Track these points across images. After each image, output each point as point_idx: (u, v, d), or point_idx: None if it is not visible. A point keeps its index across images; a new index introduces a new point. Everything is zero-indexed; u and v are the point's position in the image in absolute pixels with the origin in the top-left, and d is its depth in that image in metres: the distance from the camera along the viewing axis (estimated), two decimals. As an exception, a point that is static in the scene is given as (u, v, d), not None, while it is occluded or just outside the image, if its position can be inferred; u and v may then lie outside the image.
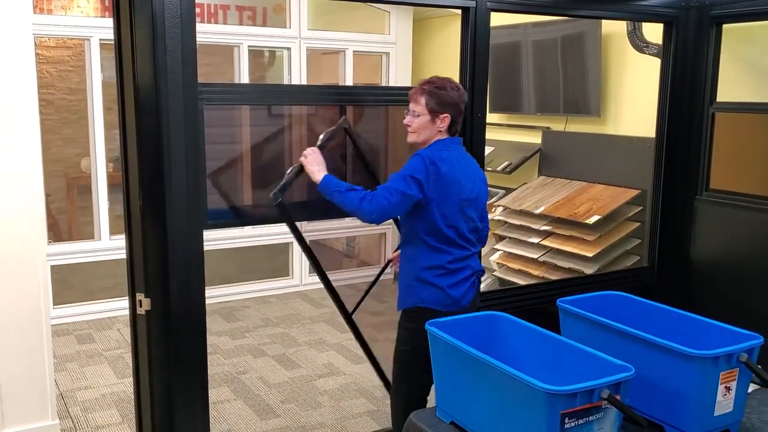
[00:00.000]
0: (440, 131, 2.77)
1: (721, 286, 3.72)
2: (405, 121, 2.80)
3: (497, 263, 5.50)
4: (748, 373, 2.05)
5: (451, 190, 2.70)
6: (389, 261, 3.20)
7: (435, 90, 2.74)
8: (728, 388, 2.03)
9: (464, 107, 2.81)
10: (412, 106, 2.78)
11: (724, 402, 2.03)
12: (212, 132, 2.63)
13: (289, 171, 2.86)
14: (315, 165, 2.76)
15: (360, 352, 5.03)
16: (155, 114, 2.42)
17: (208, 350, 2.74)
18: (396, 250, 3.10)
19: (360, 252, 7.54)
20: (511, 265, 5.38)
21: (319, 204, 2.87)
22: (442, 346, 2.15)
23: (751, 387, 2.19)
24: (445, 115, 2.74)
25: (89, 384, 4.46)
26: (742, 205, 3.63)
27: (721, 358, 1.98)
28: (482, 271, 2.94)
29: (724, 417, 2.06)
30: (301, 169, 2.81)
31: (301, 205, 3.02)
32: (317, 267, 3.05)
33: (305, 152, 2.79)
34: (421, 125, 2.76)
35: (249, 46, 6.10)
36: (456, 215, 2.75)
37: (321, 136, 2.90)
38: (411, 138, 2.81)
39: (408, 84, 6.79)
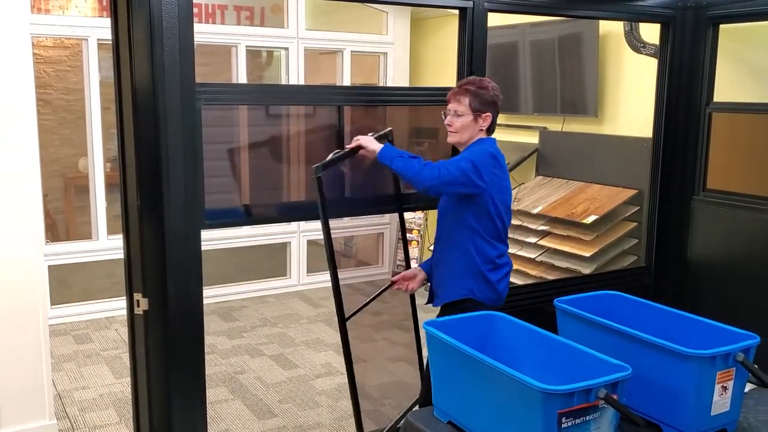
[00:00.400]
0: (481, 130, 2.81)
1: (718, 285, 3.73)
2: (447, 121, 2.81)
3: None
4: (745, 372, 2.06)
5: (503, 185, 2.80)
6: (392, 283, 3.15)
7: (477, 90, 2.78)
8: (725, 388, 2.03)
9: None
10: (453, 106, 2.79)
11: (721, 401, 2.04)
12: (210, 132, 2.63)
13: (336, 151, 2.85)
14: (371, 140, 2.80)
15: (357, 352, 5.04)
16: (153, 114, 2.42)
17: (205, 350, 2.74)
18: (396, 275, 3.16)
19: (358, 252, 7.54)
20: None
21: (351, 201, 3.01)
22: (439, 345, 2.15)
23: (748, 386, 2.19)
24: (487, 114, 2.80)
25: (87, 384, 4.46)
26: (738, 205, 3.63)
27: (717, 357, 1.98)
28: None
29: (720, 416, 2.06)
30: (352, 151, 2.81)
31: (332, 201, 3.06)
32: (332, 263, 2.99)
33: (357, 138, 2.82)
34: (464, 125, 2.79)
35: (247, 46, 6.10)
36: (505, 210, 2.83)
37: (370, 134, 2.90)
38: (453, 138, 2.83)
39: (406, 84, 6.80)
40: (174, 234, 2.50)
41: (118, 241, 2.67)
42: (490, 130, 2.85)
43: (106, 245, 5.62)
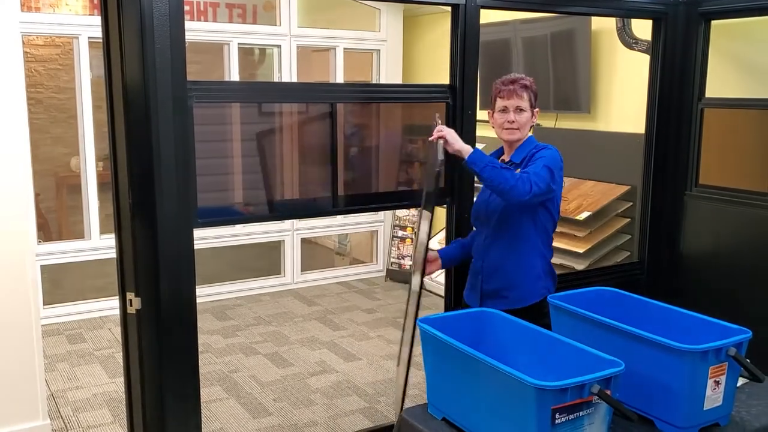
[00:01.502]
0: (531, 126, 2.82)
1: (711, 280, 3.74)
2: (510, 118, 2.73)
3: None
4: (737, 367, 2.07)
5: (561, 185, 2.80)
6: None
7: (532, 85, 2.78)
8: (717, 382, 2.04)
9: None
10: (515, 102, 2.73)
11: (714, 396, 2.05)
12: (202, 130, 2.62)
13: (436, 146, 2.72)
14: (458, 138, 2.69)
15: (352, 349, 5.05)
16: (144, 112, 2.41)
17: (200, 349, 2.73)
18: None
19: (352, 250, 7.54)
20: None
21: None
22: (433, 342, 2.15)
23: (740, 381, 2.21)
24: (537, 109, 2.82)
25: (80, 384, 4.45)
26: (731, 200, 3.64)
27: (710, 352, 1.99)
28: None
29: (713, 411, 2.07)
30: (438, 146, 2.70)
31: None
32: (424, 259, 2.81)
33: (441, 128, 2.68)
34: (526, 121, 2.77)
35: (239, 43, 6.09)
36: (558, 208, 2.84)
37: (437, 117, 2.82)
38: (515, 135, 2.76)
39: (399, 81, 6.80)
40: (166, 233, 2.49)
41: (111, 240, 2.66)
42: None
43: (99, 244, 5.60)
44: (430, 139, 2.68)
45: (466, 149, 2.63)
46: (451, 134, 2.66)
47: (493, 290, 2.82)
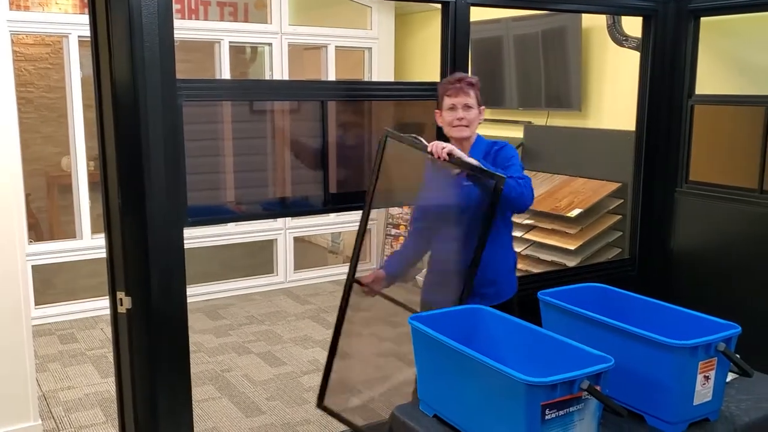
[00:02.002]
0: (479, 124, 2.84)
1: (701, 276, 3.75)
2: (459, 116, 2.75)
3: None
4: (727, 362, 2.07)
5: None
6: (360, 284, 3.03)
7: (477, 83, 2.80)
8: (707, 378, 2.04)
9: None
10: (463, 99, 2.75)
11: (703, 391, 2.05)
12: (192, 129, 2.61)
13: (415, 137, 2.77)
14: (462, 154, 2.66)
15: (344, 347, 5.04)
16: (133, 111, 2.40)
17: (192, 349, 2.73)
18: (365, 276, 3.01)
19: (345, 248, 7.54)
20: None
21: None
22: (424, 339, 2.15)
23: (730, 376, 2.21)
24: (483, 107, 2.84)
25: (72, 384, 4.43)
26: (721, 197, 3.66)
27: (699, 347, 1.99)
28: None
29: (703, 406, 2.07)
30: (425, 148, 2.68)
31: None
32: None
33: (443, 145, 2.61)
34: (474, 118, 2.79)
35: (230, 42, 6.08)
36: None
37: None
38: (465, 132, 2.78)
39: (390, 79, 6.79)
40: (156, 232, 2.48)
41: (103, 240, 2.65)
42: None
43: (91, 244, 5.58)
44: (439, 159, 2.62)
45: (476, 163, 2.63)
46: (458, 152, 2.62)
47: (478, 287, 2.80)
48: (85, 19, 2.55)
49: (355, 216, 7.02)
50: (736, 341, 2.09)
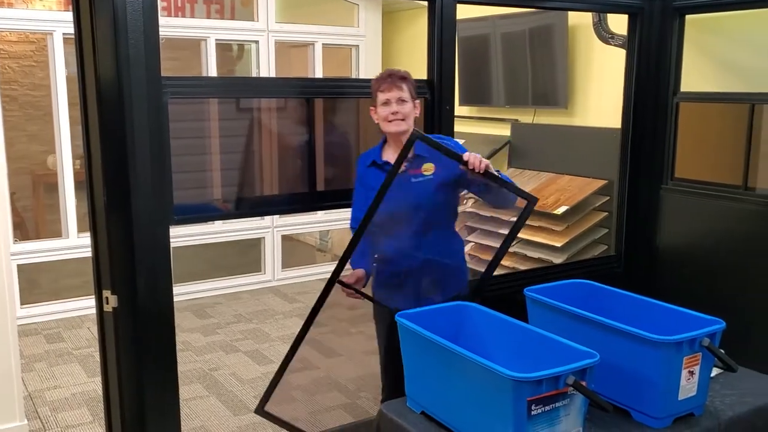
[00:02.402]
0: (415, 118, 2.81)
1: (686, 273, 3.78)
2: (393, 110, 2.71)
3: (469, 254, 5.53)
4: (711, 357, 2.09)
5: None
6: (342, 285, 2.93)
7: (410, 76, 2.78)
8: (692, 373, 2.06)
9: None
10: (395, 93, 2.71)
11: (688, 386, 2.07)
12: (178, 126, 2.60)
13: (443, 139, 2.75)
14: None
15: (333, 345, 5.05)
16: (118, 109, 2.39)
17: (179, 347, 2.72)
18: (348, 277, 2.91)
19: (334, 246, 7.53)
20: (482, 256, 5.41)
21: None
22: (411, 337, 2.16)
23: (714, 371, 2.24)
24: (418, 101, 2.81)
25: (59, 384, 4.41)
26: (706, 194, 3.68)
27: (684, 343, 2.01)
28: None
29: (688, 401, 2.09)
30: (458, 157, 2.59)
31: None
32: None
33: (481, 158, 2.56)
34: (409, 111, 2.75)
35: (216, 39, 6.05)
36: None
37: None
38: (402, 126, 2.73)
39: (378, 77, 6.78)
40: (142, 230, 2.47)
41: (89, 238, 2.64)
42: None
43: (77, 243, 5.55)
44: (473, 171, 2.56)
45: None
46: (488, 163, 2.58)
47: (429, 286, 2.80)
48: (70, 16, 2.54)
49: (343, 214, 7.02)
50: (721, 336, 2.11)
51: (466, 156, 2.54)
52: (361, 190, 2.86)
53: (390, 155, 2.79)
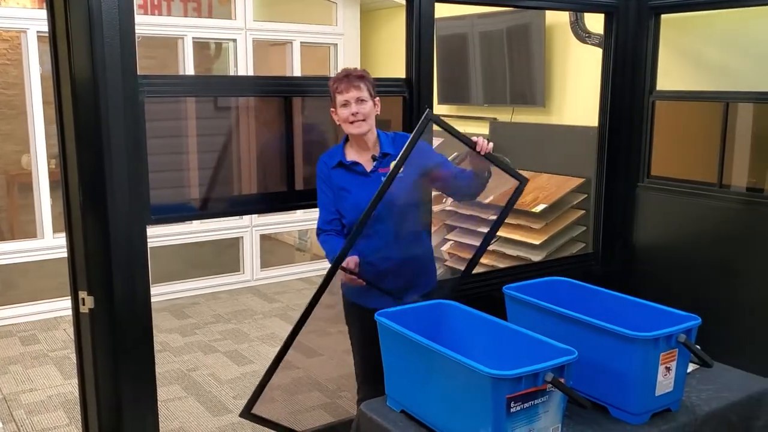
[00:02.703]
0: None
1: (663, 269, 3.82)
2: (353, 110, 2.67)
3: (448, 253, 5.54)
4: (687, 353, 2.11)
5: None
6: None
7: (368, 75, 2.73)
8: (668, 369, 2.08)
9: None
10: (354, 93, 2.67)
11: (665, 382, 2.09)
12: (155, 126, 2.58)
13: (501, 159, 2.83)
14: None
15: (313, 345, 5.03)
16: (94, 108, 2.36)
17: (157, 348, 2.70)
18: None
19: (313, 245, 7.51)
20: (461, 254, 5.42)
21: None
22: (390, 335, 2.16)
23: (691, 367, 2.26)
24: (378, 98, 2.76)
25: (34, 386, 4.35)
26: (681, 191, 3.72)
27: (660, 339, 2.03)
28: None
29: (664, 396, 2.11)
30: (469, 142, 2.64)
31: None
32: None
33: (486, 142, 2.65)
34: (370, 111, 2.71)
35: (194, 38, 6.01)
36: None
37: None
38: (363, 127, 2.70)
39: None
40: (118, 230, 2.45)
41: (64, 239, 2.61)
42: None
43: (52, 244, 5.49)
44: (480, 153, 2.64)
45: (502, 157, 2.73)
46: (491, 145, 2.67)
47: (405, 284, 2.80)
48: (44, 13, 2.51)
49: (322, 213, 6.98)
50: (697, 332, 2.13)
51: (475, 139, 2.62)
52: (328, 192, 2.81)
53: (354, 155, 2.78)
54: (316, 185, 2.85)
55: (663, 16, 3.79)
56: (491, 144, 2.64)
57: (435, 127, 3.27)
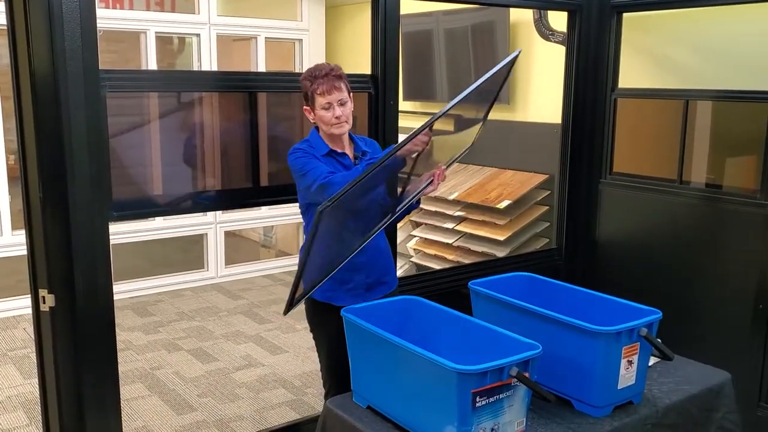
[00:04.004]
0: None
1: (625, 264, 3.88)
2: (337, 114, 2.56)
3: (414, 249, 5.57)
4: (649, 347, 2.15)
5: None
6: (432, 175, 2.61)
7: (343, 72, 2.62)
8: (630, 362, 2.12)
9: None
10: (336, 95, 2.56)
11: (627, 375, 2.13)
12: (117, 121, 2.54)
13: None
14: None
15: (278, 342, 5.01)
16: (54, 103, 2.32)
17: (120, 347, 2.66)
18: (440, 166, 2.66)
19: (278, 242, 7.47)
20: (427, 250, 5.45)
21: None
22: (356, 331, 2.16)
23: (652, 360, 2.30)
24: (351, 94, 2.66)
25: (-7, 386, 4.27)
26: (643, 187, 3.78)
27: (622, 333, 2.06)
28: None
29: (627, 389, 2.15)
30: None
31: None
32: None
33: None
34: (350, 111, 2.62)
35: (156, 32, 5.93)
36: None
37: None
38: (345, 128, 2.61)
39: (321, 72, 6.74)
40: (79, 227, 2.40)
41: (24, 236, 2.56)
42: None
43: (11, 241, 5.37)
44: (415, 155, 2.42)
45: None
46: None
47: (376, 280, 2.76)
48: (1, 6, 2.45)
49: (288, 209, 6.98)
50: (658, 326, 2.17)
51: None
52: (320, 163, 2.61)
53: (339, 148, 2.69)
54: (297, 166, 2.60)
55: (625, 14, 3.84)
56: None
57: (400, 123, 3.28)
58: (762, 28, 3.78)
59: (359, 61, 3.10)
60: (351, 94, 2.66)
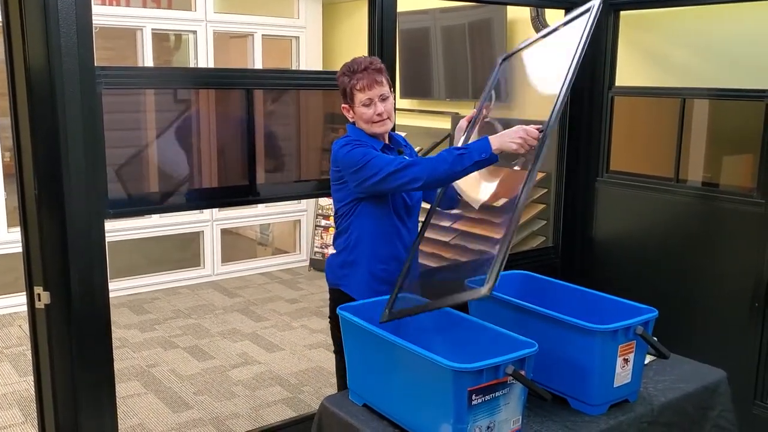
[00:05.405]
0: None
1: (621, 262, 3.89)
2: (379, 110, 2.44)
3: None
4: (645, 345, 2.15)
5: None
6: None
7: (382, 64, 2.50)
8: (626, 360, 2.12)
9: None
10: (378, 90, 2.44)
11: (623, 373, 2.13)
12: (113, 118, 2.53)
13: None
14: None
15: (275, 340, 5.01)
16: (50, 100, 2.31)
17: (116, 344, 2.66)
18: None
19: (275, 239, 7.47)
20: (423, 249, 5.43)
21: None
22: (353, 329, 2.16)
23: (648, 358, 2.31)
24: (391, 88, 2.57)
25: (-12, 384, 4.26)
26: (639, 186, 3.79)
27: (619, 331, 2.06)
28: None
29: (623, 388, 2.15)
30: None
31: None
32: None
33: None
34: (392, 106, 2.51)
35: (153, 29, 5.91)
36: None
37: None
38: (388, 125, 2.49)
39: (319, 68, 6.75)
40: (75, 224, 2.40)
41: (19, 233, 2.55)
42: None
43: (7, 238, 5.36)
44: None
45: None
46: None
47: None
48: (-3, 2, 2.44)
49: (285, 207, 6.98)
50: (654, 324, 2.17)
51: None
52: (378, 152, 2.48)
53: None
54: (355, 158, 2.40)
55: (622, 12, 3.84)
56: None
57: (398, 121, 3.27)
58: (759, 27, 3.78)
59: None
60: (392, 88, 2.53)
